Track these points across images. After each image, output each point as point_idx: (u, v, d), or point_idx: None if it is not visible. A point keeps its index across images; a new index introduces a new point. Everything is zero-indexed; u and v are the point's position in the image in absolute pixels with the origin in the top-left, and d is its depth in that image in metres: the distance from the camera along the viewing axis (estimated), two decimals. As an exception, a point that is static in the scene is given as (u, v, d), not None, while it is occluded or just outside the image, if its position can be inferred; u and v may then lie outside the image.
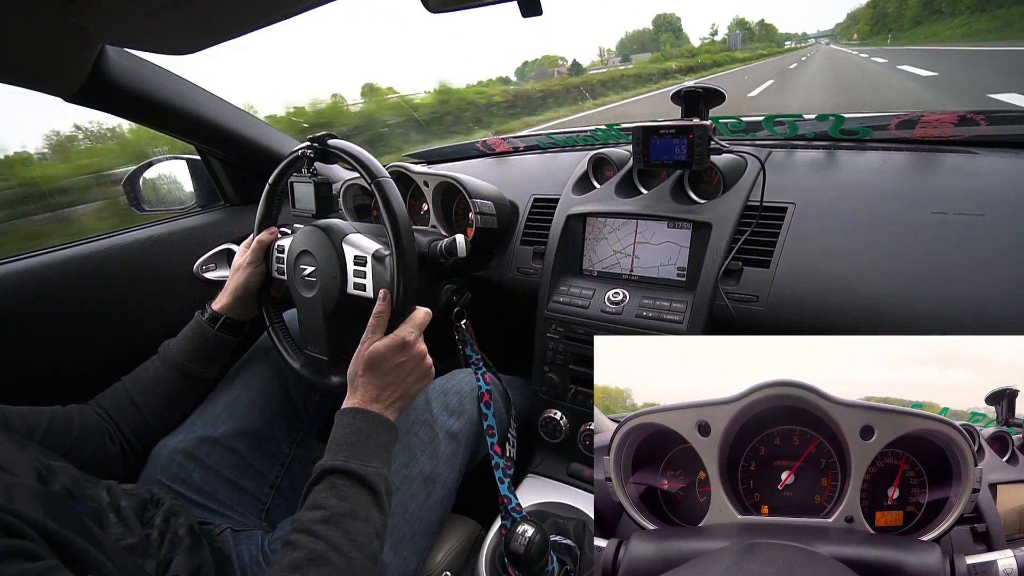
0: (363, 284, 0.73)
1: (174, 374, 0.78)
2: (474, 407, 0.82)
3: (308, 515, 0.54)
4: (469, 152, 1.28)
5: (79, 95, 0.76)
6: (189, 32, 0.68)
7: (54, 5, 0.57)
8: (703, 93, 0.80)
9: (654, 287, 0.85)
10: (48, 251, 0.89)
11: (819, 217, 0.74)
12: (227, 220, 1.10)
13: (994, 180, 0.69)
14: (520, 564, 0.62)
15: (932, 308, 0.61)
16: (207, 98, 0.95)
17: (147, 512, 0.64)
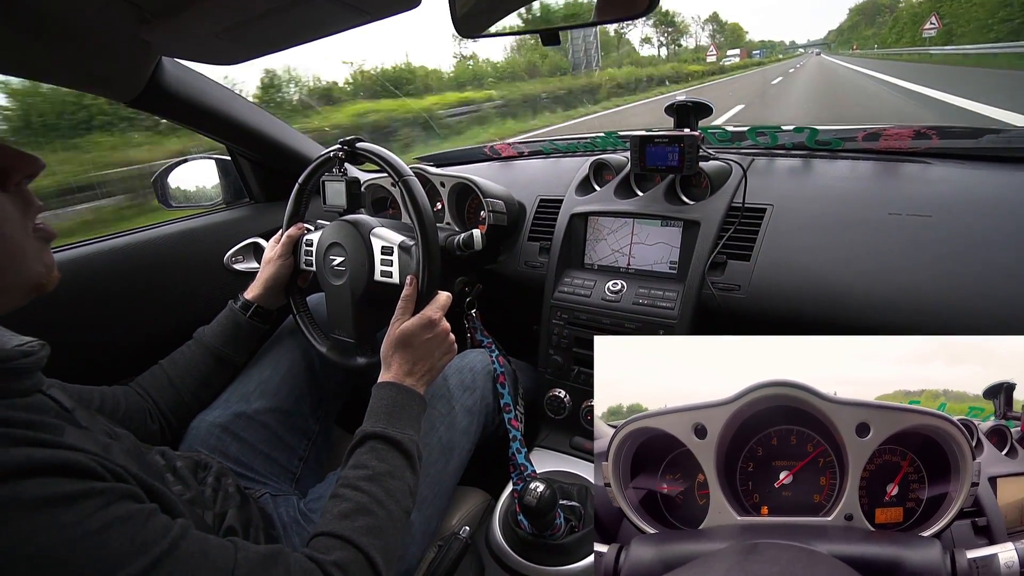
0: (390, 272, 0.82)
1: (209, 357, 0.85)
2: (486, 384, 0.90)
3: (353, 473, 0.61)
4: (476, 156, 1.37)
5: (137, 100, 0.84)
6: (239, 47, 0.76)
7: (130, 23, 0.65)
8: (693, 107, 0.90)
9: (649, 278, 0.94)
10: (93, 241, 0.95)
11: (793, 217, 0.83)
12: (253, 216, 1.18)
13: (942, 187, 0.79)
14: (532, 515, 0.70)
15: (886, 295, 0.71)
16: (243, 104, 1.03)
17: (199, 473, 0.71)
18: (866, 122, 0.98)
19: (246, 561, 0.46)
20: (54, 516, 0.36)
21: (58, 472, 0.39)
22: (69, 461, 0.40)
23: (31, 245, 0.48)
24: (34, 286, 0.48)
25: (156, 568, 0.39)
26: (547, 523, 0.73)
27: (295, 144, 1.14)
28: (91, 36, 0.68)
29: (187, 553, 0.42)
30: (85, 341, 0.91)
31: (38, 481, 0.37)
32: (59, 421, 0.45)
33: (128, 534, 0.39)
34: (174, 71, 0.86)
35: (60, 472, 0.39)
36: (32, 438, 0.40)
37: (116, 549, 0.38)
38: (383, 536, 0.56)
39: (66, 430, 0.44)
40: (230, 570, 0.44)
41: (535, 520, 0.72)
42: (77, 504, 0.38)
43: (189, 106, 0.92)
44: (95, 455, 0.42)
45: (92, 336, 0.92)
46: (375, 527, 0.56)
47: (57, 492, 0.37)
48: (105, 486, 0.41)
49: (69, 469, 0.39)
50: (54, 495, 0.37)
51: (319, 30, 0.73)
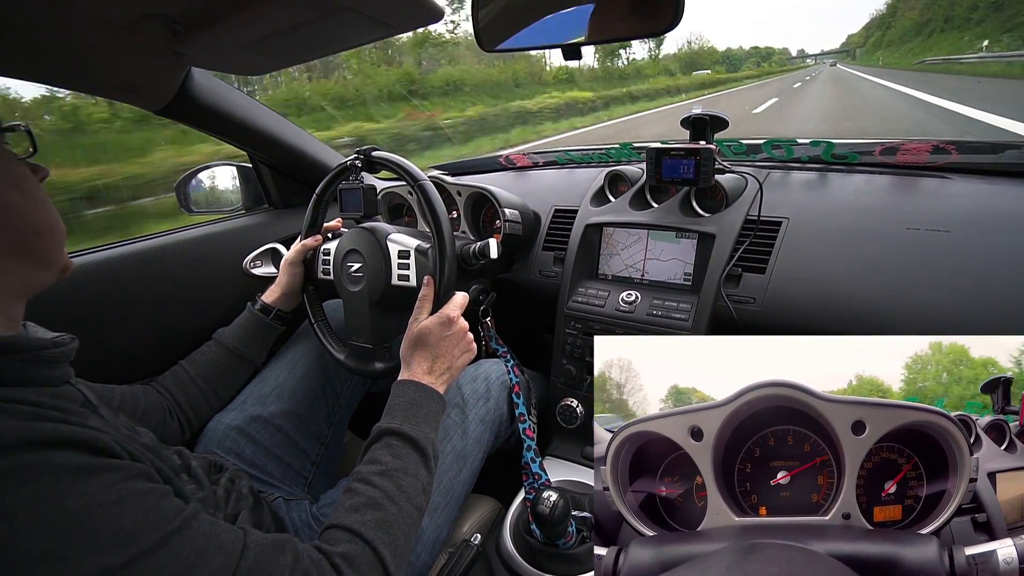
0: (407, 275, 0.83)
1: (229, 357, 0.87)
2: (500, 394, 0.90)
3: (366, 468, 0.62)
4: (492, 165, 1.38)
5: (166, 109, 0.86)
6: (267, 58, 0.78)
7: (164, 36, 0.68)
8: (709, 120, 0.90)
9: (663, 290, 0.94)
10: (117, 245, 0.98)
11: (809, 230, 0.83)
12: (271, 222, 1.20)
13: (962, 202, 0.79)
14: (545, 524, 0.70)
15: (901, 310, 0.71)
16: (266, 113, 1.05)
17: (213, 474, 0.71)
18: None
19: (255, 545, 0.47)
20: (76, 484, 0.39)
21: (82, 447, 0.41)
22: (92, 439, 0.42)
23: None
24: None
25: (167, 543, 0.41)
26: (559, 532, 0.72)
27: (315, 152, 1.17)
28: (127, 48, 0.70)
29: (198, 532, 0.44)
30: (107, 341, 0.93)
31: (64, 453, 0.39)
32: (84, 410, 0.47)
33: (143, 508, 0.41)
34: (202, 81, 0.89)
35: (83, 448, 0.41)
36: (59, 417, 0.42)
37: (131, 520, 0.40)
38: (393, 531, 0.57)
39: (90, 417, 0.46)
40: (239, 552, 0.45)
41: (547, 529, 0.72)
42: (97, 476, 0.40)
43: (215, 115, 0.94)
44: (115, 437, 0.44)
45: (114, 336, 0.93)
46: (385, 522, 0.56)
47: (81, 463, 0.40)
48: (123, 463, 0.43)
49: (91, 446, 0.42)
50: (78, 465, 0.40)
51: (344, 42, 0.75)
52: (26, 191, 0.48)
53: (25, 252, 0.48)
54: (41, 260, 0.50)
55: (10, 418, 0.39)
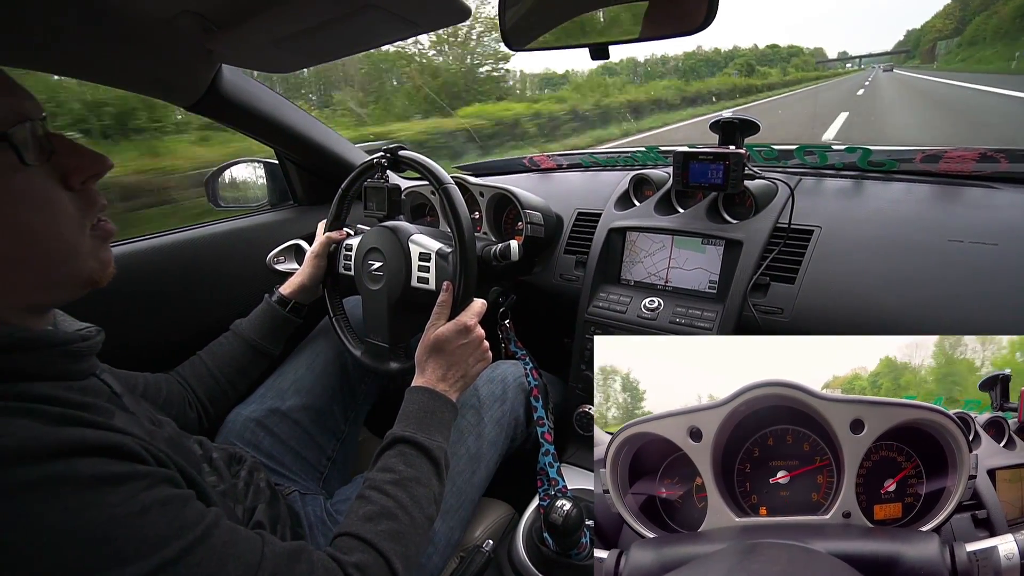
0: (427, 278, 0.83)
1: (246, 349, 0.87)
2: (516, 397, 0.89)
3: (380, 476, 0.61)
4: (515, 167, 1.38)
5: (196, 105, 0.88)
6: (296, 56, 0.79)
7: (196, 33, 0.69)
8: (739, 124, 0.88)
9: (687, 297, 0.92)
10: (144, 238, 0.99)
11: (843, 240, 0.80)
12: (296, 218, 1.21)
13: (1011, 213, 0.74)
14: (557, 533, 0.69)
15: (942, 326, 0.67)
16: (293, 110, 1.07)
17: (233, 465, 0.73)
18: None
19: (272, 555, 0.46)
20: (102, 495, 0.38)
21: (108, 453, 0.40)
22: (118, 443, 0.41)
23: (85, 243, 0.48)
24: (86, 281, 0.49)
25: (189, 553, 0.41)
26: (572, 542, 0.71)
27: (340, 150, 1.18)
28: (160, 45, 0.72)
29: (219, 542, 0.43)
30: (132, 331, 0.93)
31: (90, 460, 0.39)
32: (110, 405, 0.47)
33: (167, 517, 0.41)
34: (231, 78, 0.90)
35: (109, 453, 0.40)
36: (86, 419, 0.42)
37: (155, 531, 0.39)
38: (405, 542, 0.57)
39: (116, 414, 0.46)
40: (257, 563, 0.45)
41: (560, 539, 0.70)
42: (123, 485, 0.39)
43: (243, 112, 0.96)
44: (140, 439, 0.44)
45: (139, 327, 0.95)
46: (398, 532, 0.56)
47: (106, 472, 0.39)
48: (148, 469, 0.42)
49: (117, 451, 0.41)
50: (103, 474, 0.39)
51: (372, 41, 0.75)
52: (40, 206, 0.44)
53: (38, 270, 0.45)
54: (54, 281, 0.47)
55: (36, 421, 0.39)
